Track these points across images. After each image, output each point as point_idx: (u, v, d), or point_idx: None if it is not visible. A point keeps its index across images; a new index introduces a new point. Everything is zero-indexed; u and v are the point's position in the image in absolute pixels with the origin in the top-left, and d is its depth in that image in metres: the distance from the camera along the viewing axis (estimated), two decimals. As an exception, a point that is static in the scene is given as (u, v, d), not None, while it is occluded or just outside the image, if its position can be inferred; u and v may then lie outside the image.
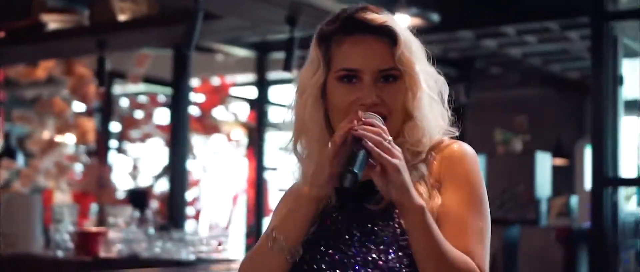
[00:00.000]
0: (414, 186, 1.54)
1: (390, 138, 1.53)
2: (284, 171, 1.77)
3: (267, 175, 7.76)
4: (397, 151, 1.51)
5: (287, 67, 4.09)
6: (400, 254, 1.57)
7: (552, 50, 7.42)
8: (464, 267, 1.53)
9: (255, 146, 7.53)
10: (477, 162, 1.66)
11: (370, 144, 1.49)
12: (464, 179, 1.62)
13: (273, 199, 9.08)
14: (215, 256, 4.27)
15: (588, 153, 7.31)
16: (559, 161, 8.26)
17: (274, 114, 8.09)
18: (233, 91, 8.37)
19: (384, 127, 1.55)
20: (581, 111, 8.77)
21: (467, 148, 1.66)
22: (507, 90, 8.97)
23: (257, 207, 7.28)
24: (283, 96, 9.30)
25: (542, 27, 6.52)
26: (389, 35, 1.63)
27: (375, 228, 1.60)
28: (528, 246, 6.74)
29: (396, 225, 1.59)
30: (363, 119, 1.55)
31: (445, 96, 1.70)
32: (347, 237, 1.61)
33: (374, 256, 1.58)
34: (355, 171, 1.47)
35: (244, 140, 8.34)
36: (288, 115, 1.71)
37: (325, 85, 1.66)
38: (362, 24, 1.64)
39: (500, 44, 7.16)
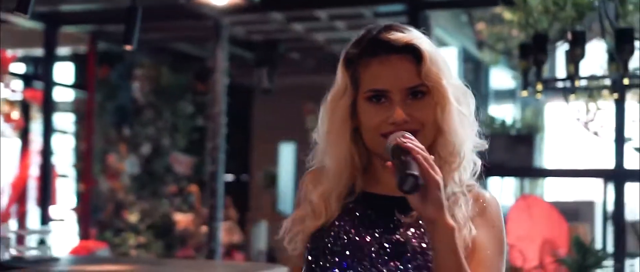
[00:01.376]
0: (451, 209, 1.62)
1: (432, 156, 1.56)
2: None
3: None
4: (437, 169, 1.54)
5: (127, 39, 3.62)
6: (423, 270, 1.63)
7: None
8: None
9: (43, 130, 6.83)
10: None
11: (420, 156, 1.53)
12: (498, 224, 1.70)
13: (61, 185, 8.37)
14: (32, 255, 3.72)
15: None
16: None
17: (59, 94, 7.45)
18: (14, 67, 7.57)
19: (423, 146, 1.58)
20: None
21: (497, 198, 1.76)
22: (306, 76, 8.87)
23: (43, 194, 6.63)
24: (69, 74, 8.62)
25: (356, 13, 6.42)
26: (414, 53, 1.65)
27: (402, 240, 1.66)
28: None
29: (423, 242, 1.65)
30: (407, 135, 1.59)
31: (473, 108, 1.72)
32: (373, 249, 1.67)
33: (399, 269, 1.64)
34: (417, 174, 1.49)
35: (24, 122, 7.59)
36: (316, 134, 1.77)
37: (355, 106, 1.71)
38: (387, 44, 1.66)
39: (308, 28, 6.99)
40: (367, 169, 1.76)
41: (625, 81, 4.68)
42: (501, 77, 8.47)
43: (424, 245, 1.63)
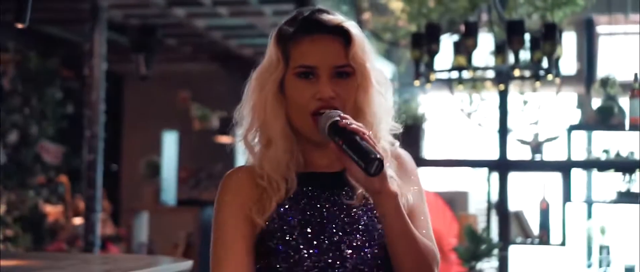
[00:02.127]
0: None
1: (370, 132, 1.66)
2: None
3: None
4: (380, 145, 1.69)
5: (20, 17, 3.36)
6: (378, 244, 1.73)
7: (239, 24, 7.21)
8: (430, 249, 1.73)
9: None
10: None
11: (366, 136, 1.62)
12: (416, 178, 1.84)
13: None
14: None
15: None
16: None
17: None
18: None
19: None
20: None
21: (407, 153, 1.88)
22: (181, 63, 8.67)
23: None
24: None
25: (241, -1, 6.30)
26: (343, 35, 1.74)
27: (356, 217, 1.75)
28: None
29: (375, 218, 1.75)
30: (344, 115, 1.67)
31: (390, 94, 1.81)
32: (333, 225, 1.74)
33: (359, 243, 1.73)
34: (380, 156, 1.59)
35: None
36: (243, 109, 1.80)
37: (283, 82, 1.77)
38: (320, 24, 1.75)
39: (190, 13, 6.80)
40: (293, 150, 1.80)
41: (516, 72, 4.78)
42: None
43: (374, 218, 1.75)
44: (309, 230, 1.73)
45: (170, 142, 6.41)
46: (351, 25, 1.76)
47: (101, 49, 6.11)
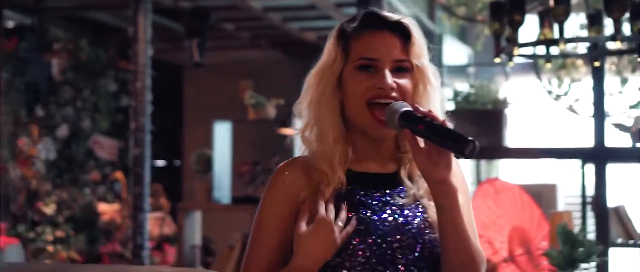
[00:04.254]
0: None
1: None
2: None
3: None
4: None
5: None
6: (428, 247, 1.78)
7: (298, 4, 6.60)
8: (479, 251, 1.80)
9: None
10: None
11: (443, 121, 1.70)
12: (465, 188, 1.85)
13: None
14: None
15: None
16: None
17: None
18: None
19: None
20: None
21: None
22: (237, 51, 8.14)
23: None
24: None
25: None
26: (402, 32, 1.83)
27: (408, 218, 1.81)
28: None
29: (423, 219, 1.82)
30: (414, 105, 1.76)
31: (443, 94, 1.86)
32: (386, 224, 1.80)
33: (409, 243, 1.79)
34: (472, 138, 1.62)
35: None
36: (301, 105, 1.86)
37: (342, 76, 1.84)
38: (381, 19, 1.83)
39: (244, -8, 6.22)
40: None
41: (616, 44, 4.04)
42: (454, 52, 7.82)
43: (426, 222, 1.81)
44: (361, 227, 1.78)
45: (223, 133, 5.85)
46: (410, 23, 1.83)
47: (146, 33, 5.58)
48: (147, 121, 5.58)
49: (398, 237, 1.77)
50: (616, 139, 4.75)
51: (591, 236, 4.48)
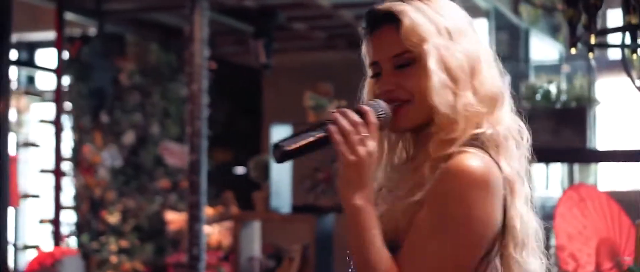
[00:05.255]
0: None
1: (367, 134, 1.50)
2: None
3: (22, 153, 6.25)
4: (364, 149, 1.49)
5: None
6: None
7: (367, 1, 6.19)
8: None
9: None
10: (473, 184, 1.47)
11: (335, 130, 1.49)
12: (442, 197, 1.48)
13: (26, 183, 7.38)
14: None
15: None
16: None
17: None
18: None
19: (361, 122, 1.51)
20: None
21: (470, 164, 1.49)
22: (314, 52, 7.79)
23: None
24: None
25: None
26: (396, 21, 1.61)
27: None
28: (345, 237, 5.49)
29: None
30: (346, 111, 1.54)
31: (480, 66, 1.59)
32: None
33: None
34: (282, 143, 1.49)
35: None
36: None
37: None
38: (374, 17, 1.67)
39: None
40: None
41: None
42: (543, 49, 7.25)
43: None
44: None
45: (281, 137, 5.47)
46: (400, 8, 1.60)
47: (202, 33, 5.28)
48: (203, 126, 5.28)
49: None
50: None
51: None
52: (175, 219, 6.86)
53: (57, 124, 6.44)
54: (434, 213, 1.47)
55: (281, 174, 5.16)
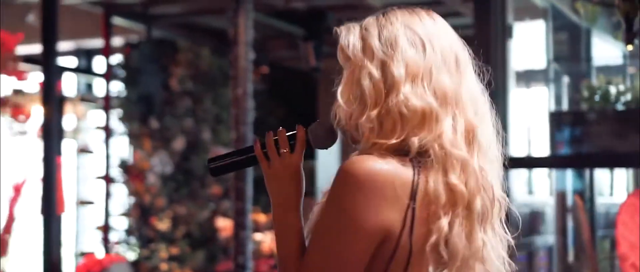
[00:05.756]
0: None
1: (285, 150, 1.61)
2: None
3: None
4: (280, 162, 1.61)
5: None
6: None
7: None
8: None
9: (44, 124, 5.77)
10: (351, 183, 1.47)
11: (256, 146, 1.64)
12: (328, 196, 1.52)
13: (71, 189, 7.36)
14: None
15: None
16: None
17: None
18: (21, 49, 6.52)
19: (285, 139, 1.62)
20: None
21: (354, 165, 1.49)
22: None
23: (46, 200, 5.56)
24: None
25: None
26: None
27: None
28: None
29: None
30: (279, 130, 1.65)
31: (405, 82, 1.56)
32: None
33: None
34: (209, 161, 1.69)
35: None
36: None
37: None
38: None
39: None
40: None
41: None
42: (607, 49, 6.94)
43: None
44: None
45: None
46: (341, 28, 1.68)
47: (247, 35, 5.15)
48: (248, 131, 5.15)
49: None
50: None
51: None
52: (226, 226, 6.76)
53: (106, 130, 6.39)
54: (322, 211, 1.52)
55: (328, 179, 5.00)
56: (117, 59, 6.76)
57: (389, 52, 1.56)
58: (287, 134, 1.62)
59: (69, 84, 8.66)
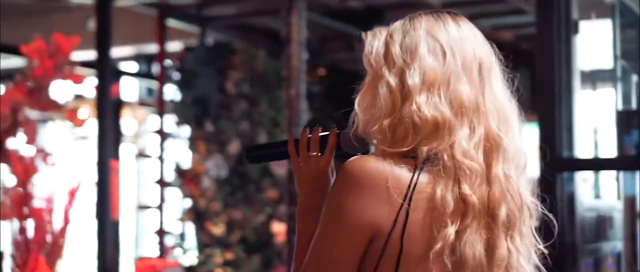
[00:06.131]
0: None
1: (314, 153, 1.65)
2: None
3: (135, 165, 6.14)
4: (308, 166, 1.65)
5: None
6: None
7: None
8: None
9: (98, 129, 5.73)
10: (347, 181, 1.50)
11: (290, 145, 1.68)
12: (328, 195, 1.58)
13: (127, 194, 7.32)
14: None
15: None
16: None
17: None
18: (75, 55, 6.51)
19: (316, 141, 1.65)
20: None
21: (352, 164, 1.51)
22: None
23: (100, 205, 5.51)
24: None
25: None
26: None
27: None
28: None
29: None
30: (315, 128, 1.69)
31: (419, 91, 1.54)
32: None
33: None
34: (247, 149, 1.76)
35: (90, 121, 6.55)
36: None
37: None
38: None
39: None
40: None
41: None
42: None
43: None
44: None
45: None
46: (367, 33, 1.68)
47: (300, 35, 5.02)
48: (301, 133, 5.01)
49: None
50: None
51: None
52: (282, 230, 6.64)
53: (161, 133, 6.32)
54: (322, 212, 1.55)
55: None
56: (172, 62, 6.69)
57: (408, 60, 1.55)
58: (321, 134, 1.64)
59: (129, 89, 8.67)
